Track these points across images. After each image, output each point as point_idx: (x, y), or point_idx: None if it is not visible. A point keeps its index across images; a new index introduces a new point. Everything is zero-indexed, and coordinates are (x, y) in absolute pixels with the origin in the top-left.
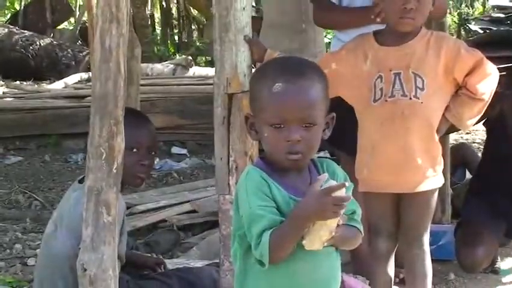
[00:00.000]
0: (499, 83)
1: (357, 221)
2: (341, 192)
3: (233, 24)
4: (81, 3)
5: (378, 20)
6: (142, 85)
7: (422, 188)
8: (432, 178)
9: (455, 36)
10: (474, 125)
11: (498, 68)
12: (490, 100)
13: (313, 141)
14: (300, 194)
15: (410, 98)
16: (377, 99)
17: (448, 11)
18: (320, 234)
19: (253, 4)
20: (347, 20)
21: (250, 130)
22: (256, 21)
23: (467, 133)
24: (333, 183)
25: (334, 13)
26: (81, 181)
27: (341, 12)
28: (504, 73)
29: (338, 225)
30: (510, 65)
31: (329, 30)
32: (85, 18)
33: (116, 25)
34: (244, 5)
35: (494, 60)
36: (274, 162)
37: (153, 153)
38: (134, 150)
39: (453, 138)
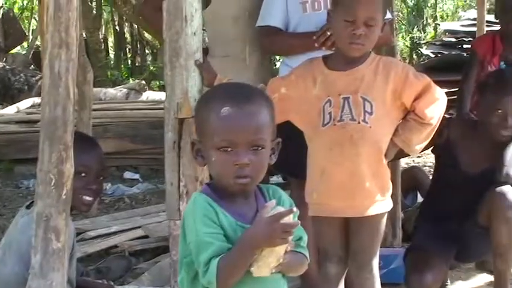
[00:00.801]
0: (449, 106)
1: (303, 248)
2: (289, 219)
3: (184, 49)
4: (34, 28)
5: (323, 48)
6: (94, 110)
7: (370, 212)
8: (381, 202)
9: (407, 60)
10: (422, 150)
11: (449, 92)
12: (438, 125)
13: (261, 165)
14: (247, 220)
15: (359, 122)
16: (326, 124)
17: (401, 35)
18: (269, 261)
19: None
20: (294, 46)
21: (196, 156)
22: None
23: (418, 156)
24: (280, 209)
25: (281, 39)
26: (29, 206)
27: (288, 38)
28: (455, 97)
29: (286, 251)
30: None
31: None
32: (38, 42)
33: (66, 50)
34: (194, 29)
35: (445, 84)
36: (221, 188)
37: (101, 178)
38: (83, 174)
39: (404, 161)
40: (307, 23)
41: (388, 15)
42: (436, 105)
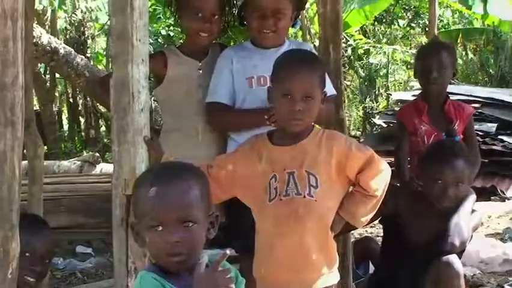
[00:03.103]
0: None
1: None
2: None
3: (131, 126)
4: None
5: (272, 124)
6: (46, 183)
7: (318, 285)
8: (329, 275)
9: (360, 130)
10: (370, 222)
11: None
12: (383, 196)
13: (194, 240)
14: None
15: (304, 197)
16: (272, 199)
17: (354, 105)
18: None
19: None
20: (242, 122)
21: (136, 237)
22: None
23: (371, 226)
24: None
25: (228, 115)
26: None
27: (235, 115)
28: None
29: None
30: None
31: None
32: None
33: (11, 129)
34: (142, 106)
35: None
36: (163, 265)
37: (47, 261)
38: (27, 254)
39: (357, 232)
40: (254, 98)
41: (332, 92)
42: (380, 177)
